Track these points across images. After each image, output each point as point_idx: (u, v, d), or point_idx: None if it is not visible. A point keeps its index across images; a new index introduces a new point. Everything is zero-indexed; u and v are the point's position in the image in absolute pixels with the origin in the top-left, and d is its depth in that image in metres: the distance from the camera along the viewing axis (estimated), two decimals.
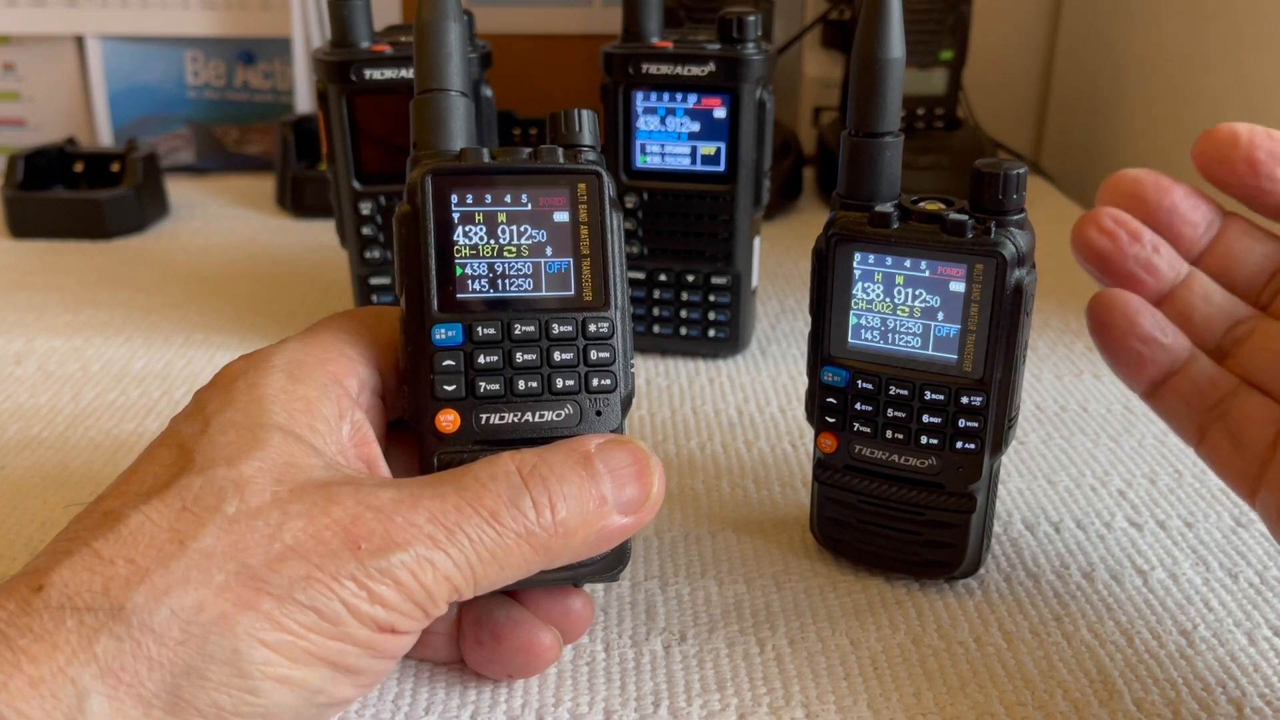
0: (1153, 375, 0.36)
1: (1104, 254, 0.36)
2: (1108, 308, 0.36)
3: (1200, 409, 0.36)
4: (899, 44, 0.37)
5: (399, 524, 0.29)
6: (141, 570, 0.27)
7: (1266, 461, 0.34)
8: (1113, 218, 0.36)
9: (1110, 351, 0.37)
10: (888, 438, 0.39)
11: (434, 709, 0.36)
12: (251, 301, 0.71)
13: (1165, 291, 0.37)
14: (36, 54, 0.98)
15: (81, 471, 0.51)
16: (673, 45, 0.57)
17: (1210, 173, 0.35)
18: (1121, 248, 0.36)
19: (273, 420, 0.31)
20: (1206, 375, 0.36)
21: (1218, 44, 0.79)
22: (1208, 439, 0.36)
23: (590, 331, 0.34)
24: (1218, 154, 0.35)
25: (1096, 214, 0.37)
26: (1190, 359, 0.36)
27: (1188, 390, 0.36)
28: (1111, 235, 0.36)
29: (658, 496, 0.33)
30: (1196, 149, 0.36)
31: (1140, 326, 0.36)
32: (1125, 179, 0.37)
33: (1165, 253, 0.36)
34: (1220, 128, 0.35)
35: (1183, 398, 0.36)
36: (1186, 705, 0.36)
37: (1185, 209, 0.37)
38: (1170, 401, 0.36)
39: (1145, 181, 0.37)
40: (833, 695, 0.37)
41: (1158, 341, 0.36)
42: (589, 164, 0.34)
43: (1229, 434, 0.35)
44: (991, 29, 1.01)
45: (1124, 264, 0.36)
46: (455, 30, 0.35)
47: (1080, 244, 0.37)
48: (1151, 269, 0.36)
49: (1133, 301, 0.36)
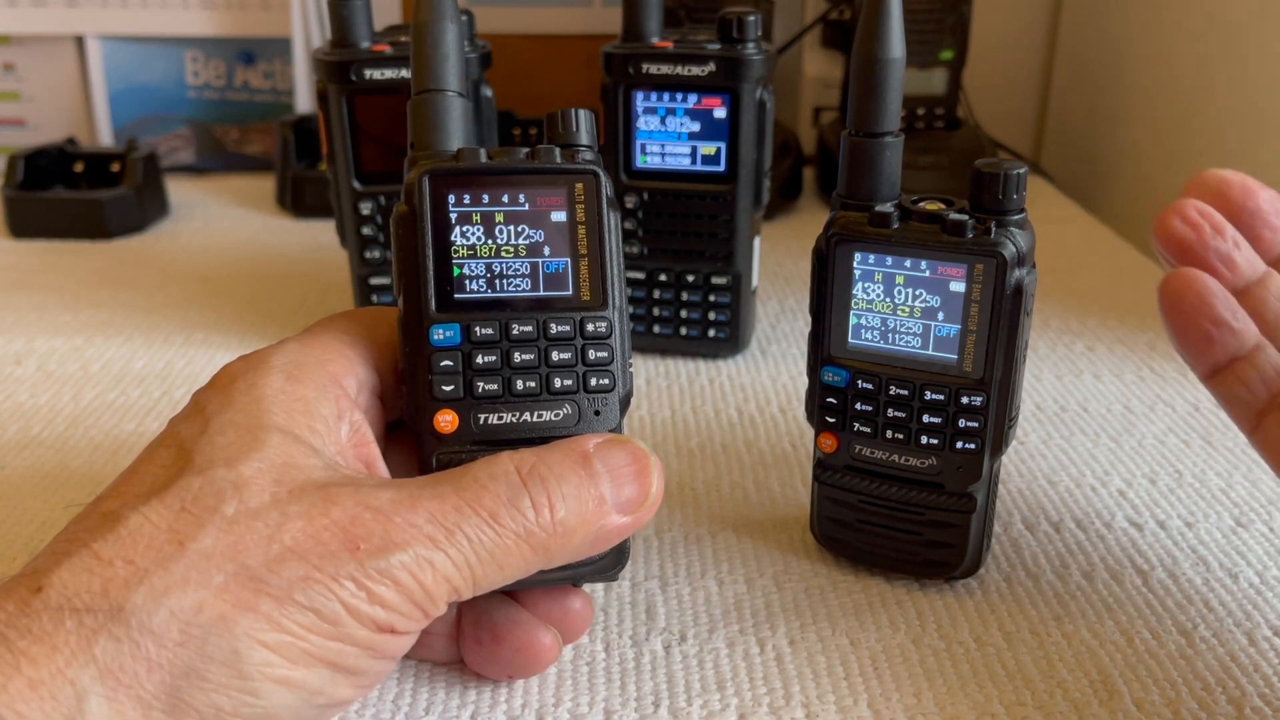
0: (1218, 358, 0.36)
1: (1186, 244, 0.36)
2: (1182, 286, 0.36)
3: (1261, 396, 0.36)
4: (899, 44, 0.37)
5: (398, 524, 0.29)
6: (141, 571, 0.27)
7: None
8: (1198, 209, 0.36)
9: (1178, 329, 0.36)
10: (888, 438, 0.39)
11: (434, 709, 0.36)
12: (251, 301, 0.71)
13: (1240, 288, 0.36)
14: (36, 54, 0.98)
15: (81, 471, 0.51)
16: (673, 45, 0.57)
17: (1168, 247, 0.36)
18: (1204, 239, 0.36)
19: (272, 421, 0.31)
20: (1273, 365, 0.36)
21: (1218, 43, 0.79)
22: (1264, 427, 0.36)
23: (588, 331, 0.34)
24: None
25: (1181, 204, 0.36)
26: (1257, 347, 0.36)
27: (1251, 377, 0.36)
28: (1195, 226, 0.36)
29: (657, 496, 0.33)
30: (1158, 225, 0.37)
31: (1213, 308, 0.35)
32: (1212, 177, 0.37)
33: (1245, 250, 0.36)
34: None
35: (1245, 383, 0.36)
36: (1186, 705, 0.36)
37: (1269, 211, 0.37)
38: (1231, 386, 0.36)
39: (1232, 181, 0.37)
40: (833, 695, 0.37)
41: (1228, 325, 0.35)
42: (586, 164, 0.34)
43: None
44: (991, 29, 1.01)
45: (1204, 256, 0.36)
46: (452, 31, 0.35)
47: (1164, 233, 0.36)
48: (1230, 263, 0.36)
49: (1208, 282, 0.35)
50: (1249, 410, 0.36)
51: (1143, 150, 0.90)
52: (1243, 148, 0.74)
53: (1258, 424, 0.36)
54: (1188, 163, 0.82)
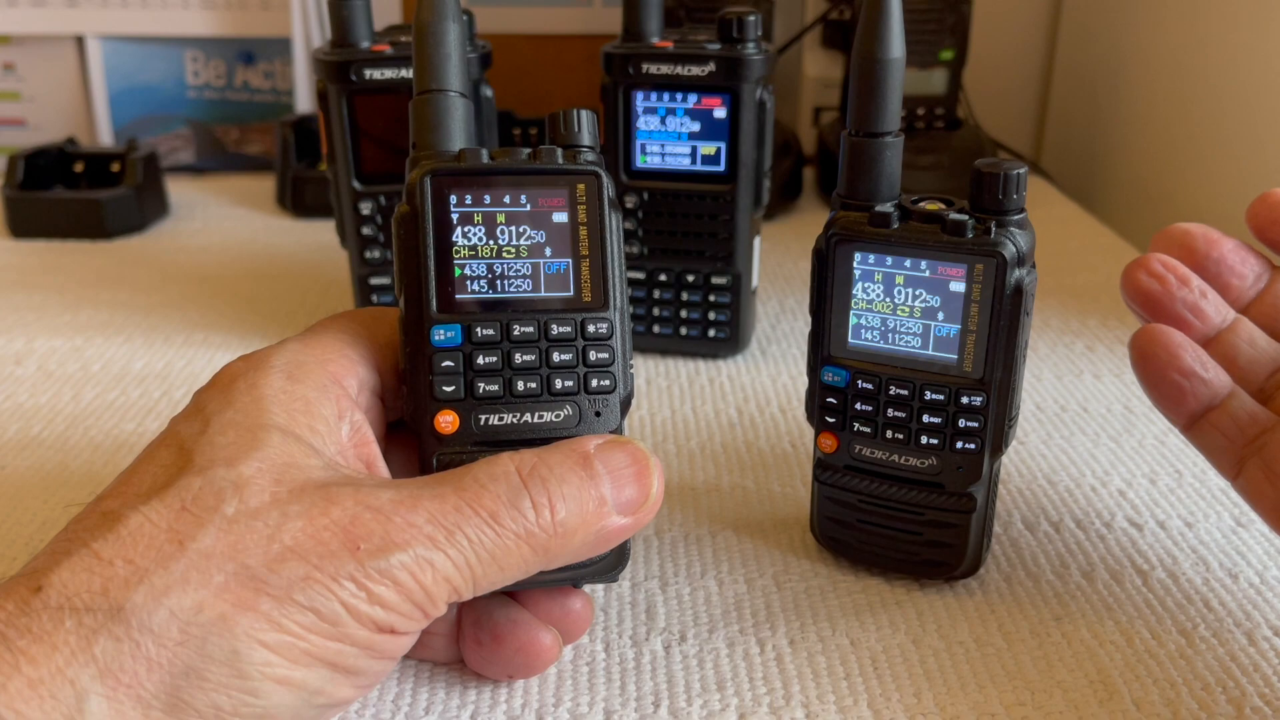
0: (1192, 409, 0.37)
1: (1152, 297, 0.37)
2: (1150, 341, 0.37)
3: (1239, 443, 0.36)
4: (899, 44, 0.37)
5: (398, 525, 0.29)
6: (140, 571, 0.27)
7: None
8: (1162, 263, 0.38)
9: (1151, 384, 0.37)
10: (888, 438, 0.39)
11: (434, 709, 0.36)
12: (251, 301, 0.71)
13: (1211, 335, 0.38)
14: (36, 54, 0.98)
15: (81, 471, 0.51)
16: (673, 45, 0.57)
17: (1264, 234, 0.37)
18: (1170, 291, 0.37)
19: (272, 421, 0.31)
20: (1246, 411, 0.36)
21: (1217, 43, 0.79)
22: (1244, 473, 0.36)
23: (589, 332, 0.34)
24: (1271, 216, 0.37)
25: (1146, 259, 0.38)
26: (1230, 395, 0.37)
27: (1226, 424, 0.36)
28: (1160, 279, 0.37)
29: (657, 497, 0.33)
30: (1251, 211, 0.37)
31: (1181, 360, 0.36)
32: (1176, 231, 0.39)
33: (1212, 299, 0.38)
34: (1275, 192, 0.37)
35: (1221, 431, 0.37)
36: (1186, 705, 0.36)
37: (1234, 261, 0.38)
38: (1209, 435, 0.37)
39: (1195, 234, 0.38)
40: (833, 695, 0.37)
41: (1198, 376, 0.36)
42: (588, 164, 0.34)
43: (1265, 468, 0.35)
44: (991, 29, 1.01)
45: (1172, 307, 0.37)
46: (454, 31, 0.35)
47: (1130, 287, 0.38)
48: (1199, 312, 0.37)
49: (1175, 336, 0.37)
50: (1229, 457, 0.37)
51: (1143, 150, 0.90)
52: (1243, 147, 0.74)
53: (1239, 470, 0.37)
54: (1188, 163, 0.82)
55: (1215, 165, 0.78)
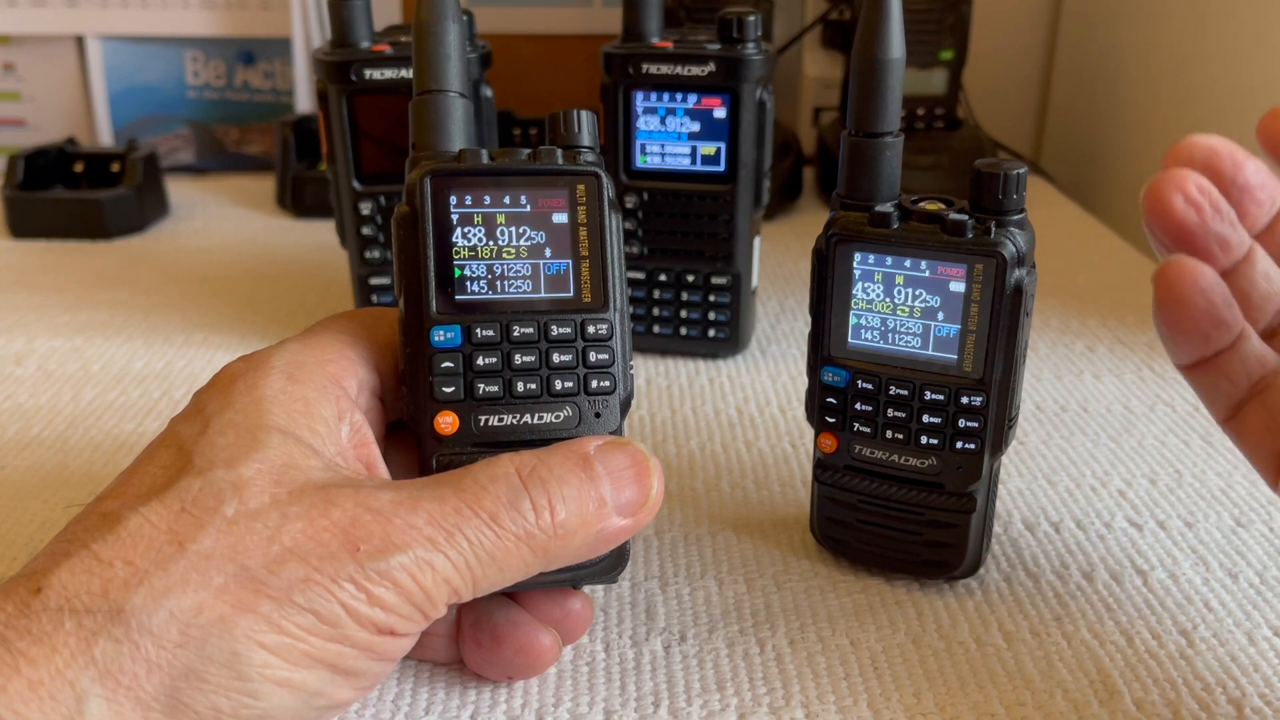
0: (1206, 353, 0.34)
1: (1186, 228, 0.32)
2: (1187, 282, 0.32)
3: (1242, 386, 0.34)
4: (899, 44, 0.37)
5: (398, 526, 0.29)
6: (140, 572, 0.27)
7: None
8: (1199, 187, 0.32)
9: (1176, 327, 0.33)
10: (888, 438, 0.39)
11: (434, 709, 0.36)
12: (251, 301, 0.71)
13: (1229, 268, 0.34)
14: (36, 54, 0.98)
15: (81, 471, 0.51)
16: (673, 45, 0.57)
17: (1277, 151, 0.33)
18: (1205, 222, 0.32)
19: (272, 422, 0.31)
20: (1255, 353, 0.34)
21: (1217, 43, 0.79)
22: (1240, 416, 0.35)
23: (589, 333, 0.34)
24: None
25: (1181, 179, 0.32)
26: (1241, 335, 0.34)
27: (1235, 369, 0.34)
28: (1197, 207, 0.32)
29: (657, 498, 0.33)
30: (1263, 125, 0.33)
31: (1218, 309, 0.33)
32: (1200, 147, 0.33)
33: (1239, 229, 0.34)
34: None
35: (1226, 374, 0.34)
36: (1186, 705, 0.36)
37: (1256, 185, 0.34)
38: (1213, 376, 0.34)
39: (1221, 152, 0.33)
40: (833, 695, 0.37)
41: (1227, 325, 0.33)
42: (588, 165, 0.34)
43: (1265, 413, 0.34)
44: (991, 29, 1.01)
45: (1204, 239, 0.33)
46: (454, 31, 0.35)
47: (1160, 212, 0.32)
48: (1227, 246, 0.33)
49: (1212, 279, 0.32)
50: (1227, 400, 0.35)
51: (1143, 150, 0.90)
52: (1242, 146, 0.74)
53: (1234, 413, 0.35)
54: None
55: None
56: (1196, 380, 0.35)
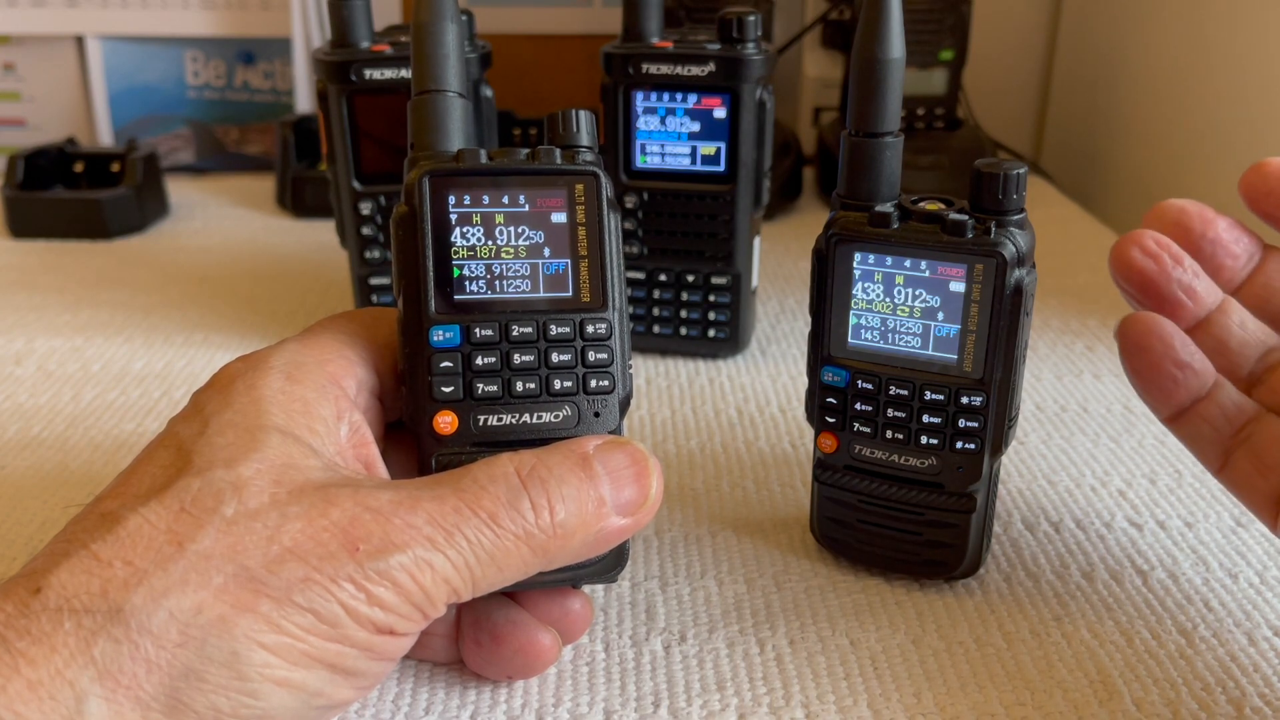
0: (1181, 400, 0.36)
1: (1147, 276, 0.36)
2: (1143, 331, 0.36)
3: (1225, 434, 0.36)
4: (899, 44, 0.37)
5: (397, 526, 0.29)
6: (140, 572, 0.27)
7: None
8: (1156, 240, 0.36)
9: (1143, 376, 0.36)
10: (888, 438, 0.39)
11: (434, 709, 0.36)
12: (251, 301, 0.71)
13: (1201, 317, 0.36)
14: (36, 54, 0.98)
15: (81, 471, 0.51)
16: (673, 45, 0.57)
17: (1257, 205, 0.36)
18: (1165, 270, 0.36)
19: (271, 422, 0.31)
20: (1233, 401, 0.36)
21: (1217, 43, 0.79)
22: (1230, 464, 0.36)
23: (588, 333, 0.34)
24: (1266, 187, 0.35)
25: (1139, 235, 0.36)
26: (1216, 385, 0.36)
27: (1213, 415, 0.36)
28: (1155, 257, 0.36)
29: (656, 498, 0.33)
30: (1244, 181, 0.36)
31: (1175, 351, 0.35)
32: (1170, 208, 0.37)
33: (1204, 280, 0.36)
34: (1270, 162, 0.35)
35: (1208, 422, 0.36)
36: (1186, 705, 0.36)
37: (1228, 240, 0.37)
38: (1195, 426, 0.36)
39: (1190, 212, 0.37)
40: (833, 695, 0.37)
41: (1190, 367, 0.35)
42: (586, 165, 0.34)
43: (1253, 458, 0.35)
44: (991, 29, 1.01)
45: (1167, 287, 0.36)
46: (453, 31, 0.35)
47: (1122, 265, 0.36)
48: (1192, 294, 0.36)
49: (1168, 325, 0.36)
50: (1215, 448, 0.36)
51: (1143, 150, 0.90)
52: (1243, 147, 0.74)
53: (1224, 462, 0.36)
54: (1187, 163, 0.82)
55: (1215, 165, 0.78)
56: (1181, 432, 0.37)
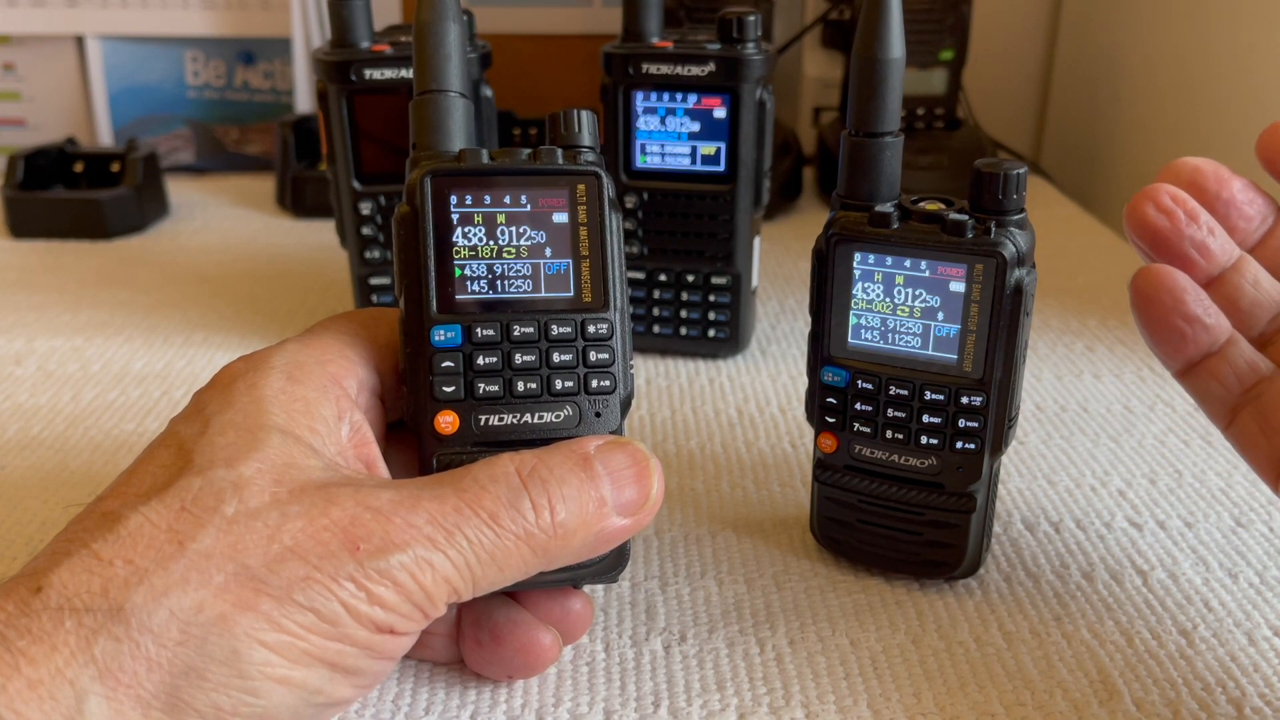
0: (1191, 354, 0.36)
1: (1160, 232, 0.35)
2: (1153, 283, 0.35)
3: (1235, 391, 0.35)
4: (899, 44, 0.37)
5: (398, 525, 0.29)
6: (140, 571, 0.27)
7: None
8: (1171, 196, 0.35)
9: (1151, 327, 0.36)
10: (888, 438, 0.39)
11: (434, 709, 0.36)
12: (251, 302, 0.71)
13: (1215, 275, 0.36)
14: (36, 54, 0.98)
15: (81, 471, 0.51)
16: (673, 45, 0.57)
17: (1273, 167, 0.35)
18: (1179, 227, 0.35)
19: (272, 421, 0.31)
20: (1245, 358, 0.35)
21: (1218, 43, 0.79)
22: (1237, 422, 0.35)
23: (589, 333, 0.34)
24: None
25: (1154, 191, 0.36)
26: (1230, 341, 0.35)
27: (1224, 372, 0.35)
28: (1169, 213, 0.35)
29: (657, 498, 0.33)
30: (1261, 141, 0.35)
31: (1185, 305, 0.35)
32: (1185, 166, 0.36)
33: (1220, 236, 0.36)
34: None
35: (1218, 379, 0.35)
36: (1186, 705, 0.36)
37: (1242, 201, 0.36)
38: (1204, 381, 0.36)
39: (1205, 171, 0.36)
40: (833, 695, 0.37)
41: (1201, 321, 0.35)
42: (588, 165, 0.34)
43: (1260, 417, 0.35)
44: (991, 29, 1.01)
45: (1179, 244, 0.35)
46: (455, 31, 0.35)
47: (1136, 220, 0.36)
48: (1205, 251, 0.35)
49: (1179, 278, 0.35)
50: (1223, 405, 0.36)
51: (1143, 150, 0.90)
52: (1243, 147, 0.74)
53: (1232, 419, 0.36)
54: None
55: None
56: (1190, 385, 0.36)
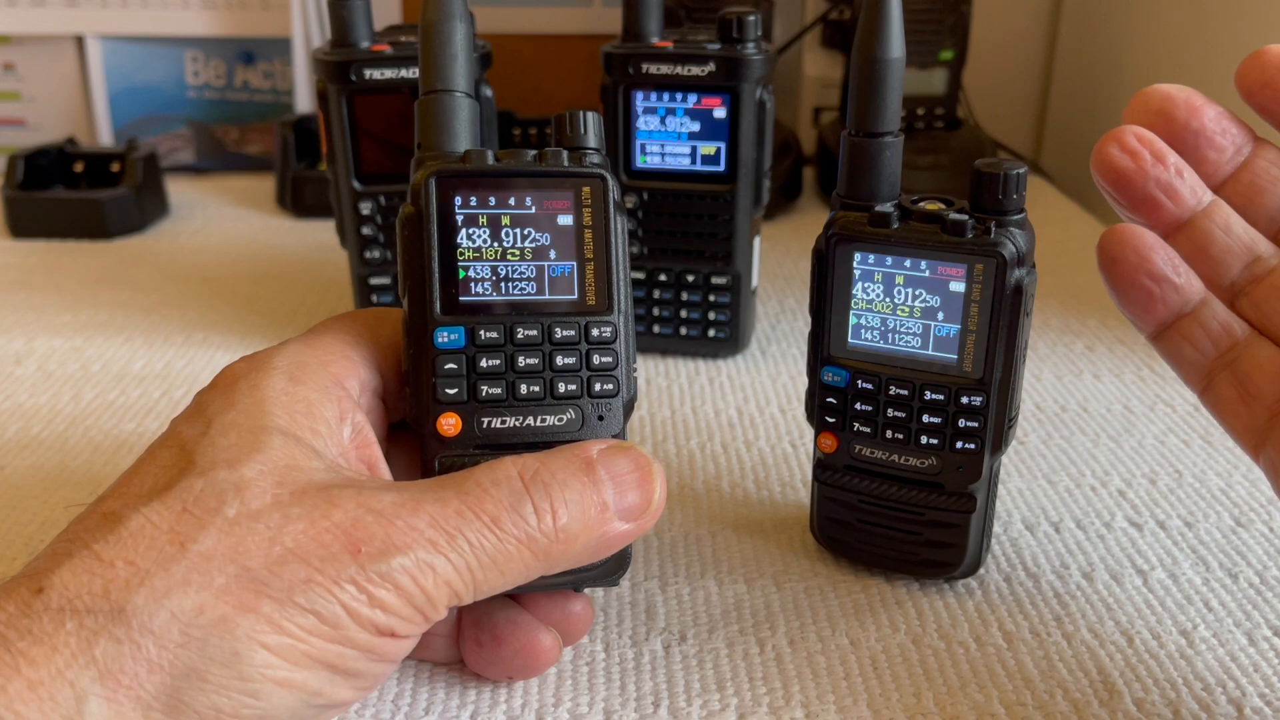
0: (1162, 316, 0.35)
1: (1124, 174, 0.34)
2: (1119, 243, 0.34)
3: (1209, 355, 0.34)
4: (899, 44, 0.37)
5: (400, 528, 0.29)
6: (141, 572, 0.27)
7: (1276, 415, 0.33)
8: (1137, 136, 0.34)
9: (1119, 288, 0.35)
10: (888, 438, 0.40)
11: (434, 709, 0.36)
12: (251, 302, 0.71)
13: (1184, 219, 0.35)
14: (36, 54, 0.98)
15: (81, 471, 0.51)
16: (673, 45, 0.57)
17: (1254, 97, 0.34)
18: (1144, 168, 0.34)
19: (274, 422, 0.31)
20: (1219, 320, 0.34)
21: (1218, 43, 0.79)
22: (1213, 387, 0.35)
23: (593, 336, 0.34)
24: (1264, 77, 0.33)
25: (1120, 131, 0.34)
26: (1203, 302, 0.34)
27: (1197, 335, 0.34)
28: (1134, 154, 0.34)
29: (659, 503, 0.33)
30: (1241, 70, 0.34)
31: (1153, 263, 0.34)
32: (1156, 94, 0.35)
33: (1189, 177, 0.34)
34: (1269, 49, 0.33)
35: (1191, 342, 0.35)
36: (1186, 705, 0.36)
37: (1214, 131, 0.34)
38: (1177, 344, 0.35)
39: (1176, 99, 0.34)
40: (833, 695, 0.37)
41: (1170, 281, 0.34)
42: (594, 167, 0.34)
43: (1237, 384, 0.34)
44: (991, 29, 1.01)
45: (1144, 186, 0.34)
46: (461, 31, 0.35)
47: (1100, 162, 0.34)
48: (1173, 193, 0.34)
49: (1146, 237, 0.34)
50: (1198, 369, 0.35)
51: None
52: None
53: (1208, 384, 0.35)
54: None
55: None
56: (1163, 348, 0.36)
